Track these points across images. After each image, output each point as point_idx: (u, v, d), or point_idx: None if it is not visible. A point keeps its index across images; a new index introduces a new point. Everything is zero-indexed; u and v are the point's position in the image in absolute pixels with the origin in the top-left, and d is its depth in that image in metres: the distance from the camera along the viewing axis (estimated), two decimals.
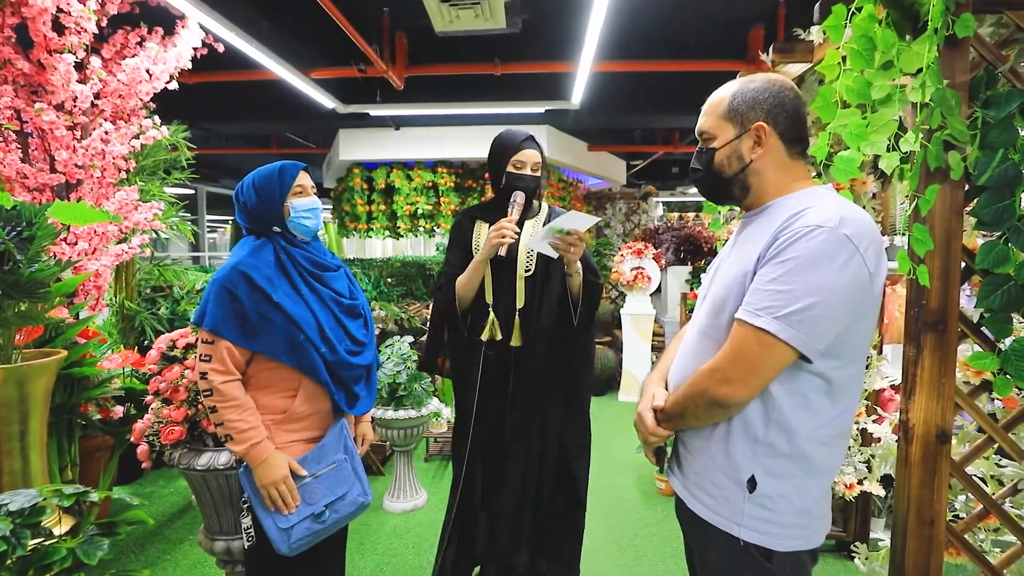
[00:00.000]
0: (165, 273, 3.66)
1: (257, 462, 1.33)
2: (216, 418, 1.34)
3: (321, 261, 1.50)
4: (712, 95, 1.09)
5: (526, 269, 1.81)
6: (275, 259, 1.41)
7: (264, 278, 1.36)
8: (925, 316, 1.26)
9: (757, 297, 0.93)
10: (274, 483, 1.33)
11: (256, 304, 1.35)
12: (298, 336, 1.38)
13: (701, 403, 1.00)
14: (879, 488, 2.13)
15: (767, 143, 1.02)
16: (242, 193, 1.44)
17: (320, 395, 1.45)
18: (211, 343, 1.34)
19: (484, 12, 3.09)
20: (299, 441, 1.42)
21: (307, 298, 1.42)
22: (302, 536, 1.36)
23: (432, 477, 3.35)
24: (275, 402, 1.41)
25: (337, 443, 1.46)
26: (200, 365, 1.34)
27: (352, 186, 6.49)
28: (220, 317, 1.33)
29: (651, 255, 5.06)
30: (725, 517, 1.01)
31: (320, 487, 1.40)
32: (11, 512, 1.16)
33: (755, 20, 4.09)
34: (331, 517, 1.41)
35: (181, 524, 2.77)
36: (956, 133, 1.18)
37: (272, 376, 1.40)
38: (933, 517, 1.27)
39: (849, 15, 1.24)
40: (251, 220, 1.44)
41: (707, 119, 1.08)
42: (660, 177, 10.07)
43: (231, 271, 1.36)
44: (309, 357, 1.39)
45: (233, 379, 1.35)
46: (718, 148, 1.06)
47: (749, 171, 1.05)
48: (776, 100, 1.02)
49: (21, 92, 2.53)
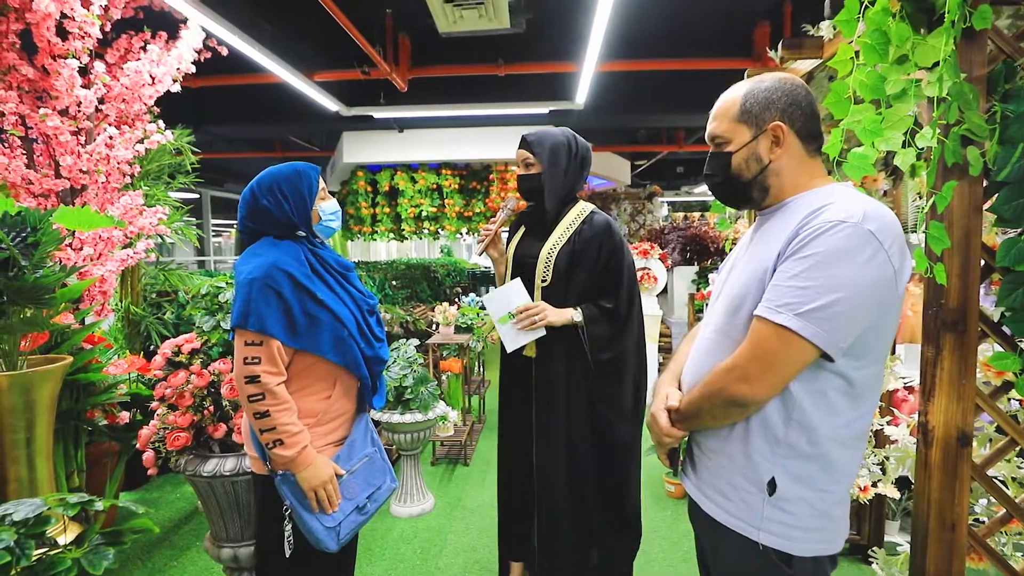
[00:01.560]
0: (170, 278, 3.66)
1: (305, 465, 1.31)
2: (266, 423, 1.28)
3: (344, 261, 1.53)
4: (721, 98, 1.07)
5: (543, 279, 1.78)
6: (305, 259, 1.41)
7: (304, 276, 1.35)
8: (944, 316, 1.23)
9: (778, 293, 0.91)
10: (323, 484, 1.33)
11: (302, 302, 1.33)
12: (342, 332, 1.38)
13: (718, 402, 0.98)
14: (894, 491, 2.10)
15: (786, 142, 1.00)
16: (263, 195, 1.38)
17: (351, 392, 1.47)
18: (259, 344, 1.29)
19: (488, 12, 3.08)
20: (330, 445, 1.42)
21: (341, 296, 1.44)
22: (349, 531, 1.39)
23: (439, 481, 3.32)
24: (311, 405, 1.39)
25: (365, 437, 1.49)
26: (248, 368, 1.28)
27: (356, 189, 6.49)
28: (267, 315, 1.28)
29: (657, 255, 5.02)
30: (743, 520, 0.99)
31: (358, 481, 1.43)
32: (15, 522, 1.15)
33: (760, 16, 4.06)
34: (372, 508, 1.46)
35: (188, 530, 2.76)
36: (974, 128, 1.15)
37: (310, 375, 1.39)
38: (954, 522, 1.24)
39: (862, 9, 1.22)
40: (271, 223, 1.40)
41: (719, 123, 1.05)
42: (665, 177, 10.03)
43: (271, 268, 1.30)
44: (352, 352, 1.40)
45: (284, 379, 1.33)
46: (735, 151, 1.03)
47: (768, 172, 1.02)
48: (790, 98, 1.00)
49: (26, 98, 2.54)
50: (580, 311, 1.71)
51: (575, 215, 1.79)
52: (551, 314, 1.69)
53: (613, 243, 1.74)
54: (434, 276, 7.00)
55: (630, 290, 1.74)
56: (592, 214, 1.80)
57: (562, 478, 1.78)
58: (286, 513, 1.36)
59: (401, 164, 6.31)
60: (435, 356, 3.93)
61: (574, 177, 1.79)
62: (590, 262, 1.74)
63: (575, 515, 1.80)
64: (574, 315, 1.70)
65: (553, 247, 1.76)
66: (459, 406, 3.94)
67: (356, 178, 6.49)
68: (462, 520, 2.81)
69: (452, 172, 6.29)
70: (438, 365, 3.93)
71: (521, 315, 1.69)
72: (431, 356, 3.83)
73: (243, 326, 1.28)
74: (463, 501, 3.01)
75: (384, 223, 6.53)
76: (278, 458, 1.30)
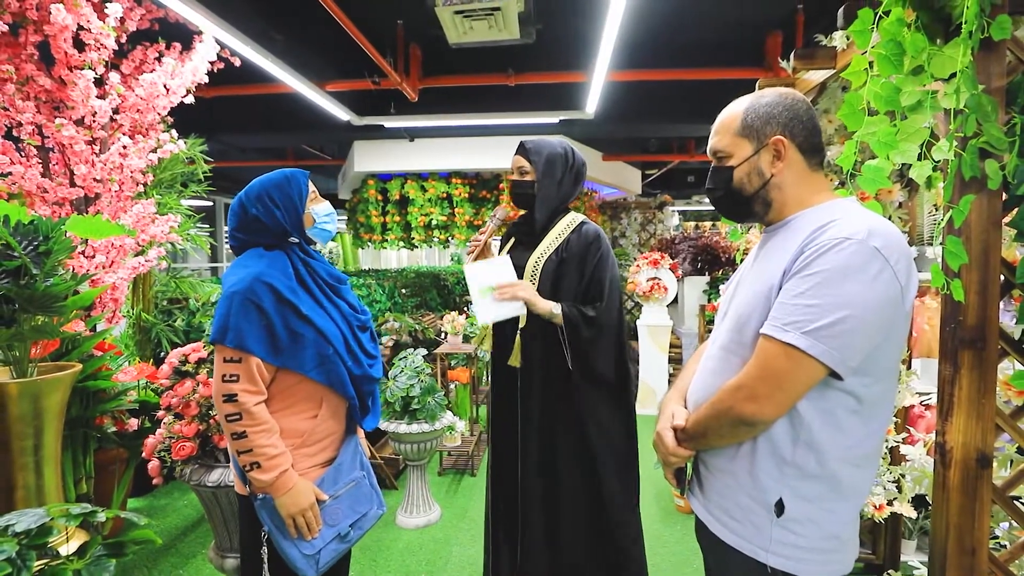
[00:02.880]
0: (181, 285, 3.69)
1: (284, 490, 1.24)
2: (243, 444, 1.21)
3: (336, 273, 1.47)
4: (722, 113, 1.07)
5: None
6: (293, 270, 1.34)
7: (289, 289, 1.28)
8: (962, 333, 1.19)
9: (784, 311, 0.90)
10: (302, 511, 1.26)
11: (284, 317, 1.26)
12: (327, 350, 1.31)
13: (725, 421, 0.97)
14: (910, 509, 2.04)
15: (787, 156, 1.00)
16: (252, 205, 1.33)
17: (339, 412, 1.40)
18: (238, 361, 1.22)
19: (498, 23, 3.09)
20: (316, 466, 1.36)
21: (329, 311, 1.36)
22: (329, 559, 1.32)
23: (446, 492, 3.30)
24: (295, 424, 1.33)
25: (353, 461, 1.42)
26: (225, 387, 1.21)
27: (367, 197, 6.53)
28: (247, 331, 1.22)
29: (668, 265, 4.99)
30: (751, 542, 0.97)
31: (342, 507, 1.35)
32: (17, 533, 1.15)
33: (772, 26, 4.03)
34: (355, 536, 1.38)
35: (194, 538, 2.76)
36: (993, 140, 1.12)
37: (294, 394, 1.32)
38: (974, 546, 1.20)
39: (876, 19, 1.19)
40: (262, 233, 1.35)
41: (721, 138, 1.05)
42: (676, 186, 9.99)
43: (253, 282, 1.24)
44: (337, 371, 1.32)
45: (263, 399, 1.26)
46: (736, 166, 1.03)
47: (770, 186, 1.02)
48: (791, 112, 1.00)
49: (43, 108, 2.58)
50: (562, 308, 1.67)
51: (564, 225, 1.78)
52: (534, 294, 1.65)
53: (600, 253, 1.72)
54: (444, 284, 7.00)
55: (611, 299, 1.71)
56: (582, 224, 1.78)
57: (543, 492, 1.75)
58: (263, 538, 1.30)
59: (411, 173, 6.35)
60: (443, 365, 3.92)
61: (568, 189, 1.78)
62: (577, 272, 1.72)
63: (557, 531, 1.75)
64: (554, 308, 1.66)
65: (540, 257, 1.74)
66: (467, 416, 3.92)
67: (367, 186, 6.54)
68: (468, 532, 2.78)
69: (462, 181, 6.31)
70: (446, 375, 3.92)
71: (504, 287, 1.62)
72: (439, 365, 3.81)
73: (221, 342, 1.22)
74: (470, 512, 2.99)
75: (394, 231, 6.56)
76: (255, 481, 1.24)
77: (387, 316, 4.42)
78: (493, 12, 2.98)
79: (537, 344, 1.73)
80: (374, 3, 3.58)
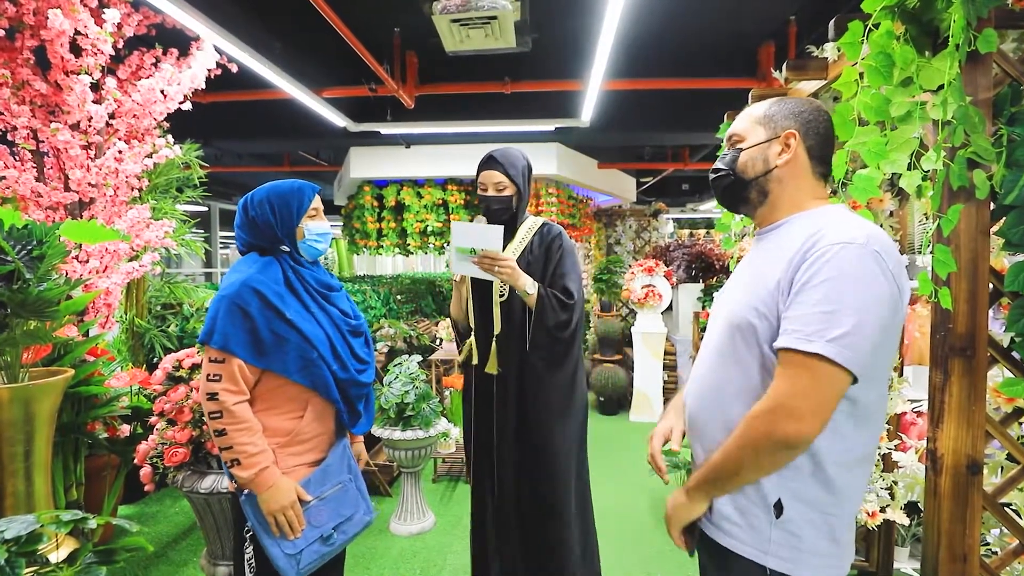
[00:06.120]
0: (175, 290, 3.68)
1: (265, 488, 1.29)
2: (224, 441, 1.28)
3: (327, 281, 1.50)
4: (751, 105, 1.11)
5: (500, 294, 1.77)
6: (283, 277, 1.39)
7: (275, 295, 1.34)
8: (952, 341, 1.20)
9: (803, 322, 0.88)
10: (282, 509, 1.30)
11: (269, 321, 1.32)
12: (311, 354, 1.36)
13: (764, 449, 0.91)
14: (903, 516, 2.05)
15: (795, 153, 1.02)
16: (252, 207, 1.40)
17: (326, 415, 1.43)
18: (221, 362, 1.30)
19: (494, 32, 3.11)
20: (303, 465, 1.39)
21: (317, 316, 1.41)
22: (311, 561, 1.34)
23: (440, 499, 3.28)
24: (281, 424, 1.37)
25: (340, 464, 1.44)
26: (209, 385, 1.28)
27: (363, 203, 6.53)
28: (231, 334, 1.29)
29: (662, 272, 5.01)
30: (750, 544, 0.97)
31: (327, 509, 1.38)
32: (7, 540, 1.14)
33: (765, 37, 4.07)
34: (339, 539, 1.39)
35: (186, 545, 2.73)
36: (981, 151, 1.14)
37: (279, 395, 1.37)
38: (966, 553, 1.21)
39: (866, 31, 1.22)
40: (257, 235, 1.40)
41: (740, 122, 1.09)
42: (670, 194, 10.04)
43: (241, 287, 1.31)
44: (321, 375, 1.37)
45: (245, 399, 1.31)
46: (745, 148, 1.06)
47: (771, 177, 1.04)
48: (812, 116, 1.03)
49: (38, 112, 2.57)
50: (538, 288, 1.69)
51: (527, 228, 1.80)
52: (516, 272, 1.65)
53: (563, 248, 1.77)
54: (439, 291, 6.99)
55: (579, 294, 1.74)
56: (544, 225, 1.81)
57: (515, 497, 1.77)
58: (247, 535, 1.34)
59: (407, 179, 6.35)
60: (438, 372, 3.91)
61: (528, 193, 1.83)
62: (543, 270, 1.76)
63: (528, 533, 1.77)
64: (528, 288, 1.66)
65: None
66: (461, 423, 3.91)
67: (363, 193, 6.53)
68: (463, 539, 2.76)
69: (458, 188, 6.32)
70: (441, 381, 3.91)
71: (486, 258, 1.61)
72: (434, 372, 3.81)
73: (207, 343, 1.30)
74: (464, 520, 2.97)
75: (390, 237, 6.55)
76: (237, 477, 1.29)
77: (382, 322, 4.41)
78: (490, 21, 3.00)
79: (507, 351, 1.75)
80: (371, 11, 3.60)
